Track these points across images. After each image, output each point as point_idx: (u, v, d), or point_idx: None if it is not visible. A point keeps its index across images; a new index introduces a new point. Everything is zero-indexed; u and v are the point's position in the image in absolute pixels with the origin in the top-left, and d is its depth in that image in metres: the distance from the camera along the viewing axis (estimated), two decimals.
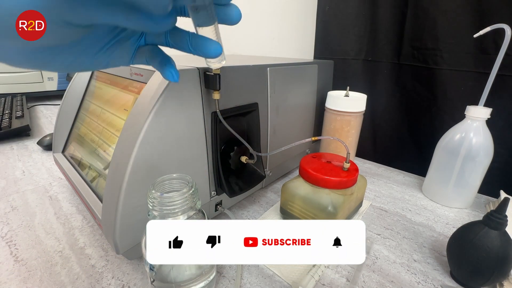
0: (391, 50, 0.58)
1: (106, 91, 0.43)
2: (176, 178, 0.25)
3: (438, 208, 0.45)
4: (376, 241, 0.37)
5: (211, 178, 0.36)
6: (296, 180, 0.39)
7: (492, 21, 0.38)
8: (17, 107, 0.86)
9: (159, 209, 0.23)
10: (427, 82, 0.55)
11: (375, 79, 0.62)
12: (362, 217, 0.42)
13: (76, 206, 0.43)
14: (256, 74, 0.40)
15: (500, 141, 0.43)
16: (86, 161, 0.41)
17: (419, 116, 0.58)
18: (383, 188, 0.51)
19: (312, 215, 0.36)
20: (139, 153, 0.27)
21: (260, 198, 0.47)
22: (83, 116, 0.46)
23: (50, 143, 0.63)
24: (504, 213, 0.27)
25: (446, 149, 0.43)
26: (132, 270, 0.32)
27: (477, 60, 0.48)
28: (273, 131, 0.45)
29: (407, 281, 0.31)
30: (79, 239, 0.37)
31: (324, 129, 0.55)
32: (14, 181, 0.51)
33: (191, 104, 0.31)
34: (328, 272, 0.32)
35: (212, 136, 0.34)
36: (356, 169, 0.37)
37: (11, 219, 0.40)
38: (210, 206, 0.38)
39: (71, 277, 0.31)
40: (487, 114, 0.39)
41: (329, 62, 0.60)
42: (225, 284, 0.30)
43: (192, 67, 0.30)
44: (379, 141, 0.67)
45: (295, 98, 0.49)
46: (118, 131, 0.36)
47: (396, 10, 0.55)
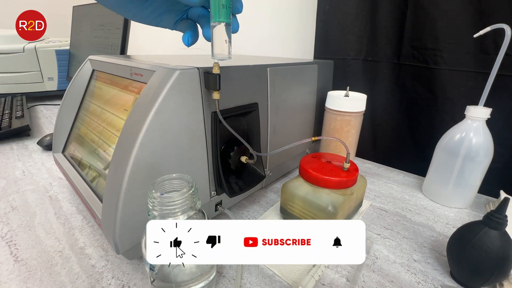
0: (391, 50, 0.58)
1: (106, 91, 0.43)
2: (176, 178, 0.25)
3: (438, 208, 0.45)
4: (376, 241, 0.37)
5: (211, 178, 0.36)
6: (296, 180, 0.39)
7: (492, 21, 0.38)
8: (17, 107, 0.86)
9: (159, 209, 0.23)
10: (427, 82, 0.55)
11: (375, 79, 0.62)
12: (362, 217, 0.42)
13: (76, 206, 0.43)
14: (256, 74, 0.40)
15: (500, 141, 0.43)
16: (86, 161, 0.41)
17: (419, 116, 0.58)
18: (383, 188, 0.51)
19: (312, 215, 0.36)
20: (139, 153, 0.27)
21: (260, 198, 0.47)
22: (83, 116, 0.46)
23: (50, 143, 0.63)
24: (504, 213, 0.27)
25: (446, 149, 0.43)
26: (132, 270, 0.32)
27: (477, 60, 0.48)
28: (273, 131, 0.45)
29: (407, 281, 0.31)
30: (79, 239, 0.37)
31: (324, 129, 0.55)
32: (14, 181, 0.51)
33: (191, 104, 0.31)
34: (328, 272, 0.32)
35: (212, 136, 0.34)
36: (356, 169, 0.37)
37: (11, 219, 0.40)
38: (210, 206, 0.38)
39: (71, 277, 0.31)
40: (487, 114, 0.39)
41: (329, 62, 0.60)
42: (225, 284, 0.30)
43: (192, 67, 0.30)
44: (379, 141, 0.67)
45: (295, 98, 0.49)
46: (118, 131, 0.36)
47: (396, 10, 0.55)
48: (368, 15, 0.59)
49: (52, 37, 1.17)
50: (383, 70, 0.61)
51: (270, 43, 0.86)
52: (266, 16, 0.84)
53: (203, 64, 0.32)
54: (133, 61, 0.38)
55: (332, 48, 0.66)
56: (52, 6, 1.42)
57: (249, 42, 0.88)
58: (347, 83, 0.55)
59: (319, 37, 0.68)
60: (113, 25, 0.77)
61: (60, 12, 1.30)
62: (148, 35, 1.33)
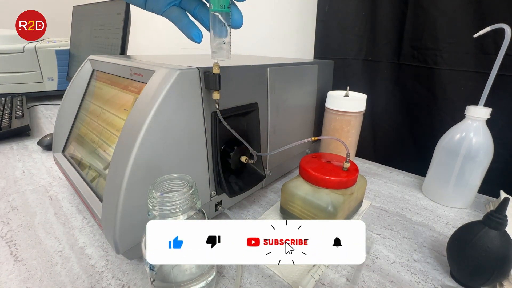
0: (391, 50, 0.58)
1: (106, 91, 0.43)
2: (176, 178, 0.25)
3: (438, 208, 0.45)
4: (376, 241, 0.37)
5: (211, 178, 0.36)
6: (296, 180, 0.39)
7: (492, 21, 0.38)
8: (17, 107, 0.86)
9: (159, 209, 0.23)
10: (427, 82, 0.55)
11: (375, 79, 0.62)
12: (362, 217, 0.42)
13: (76, 206, 0.43)
14: (256, 74, 0.40)
15: (500, 141, 0.43)
16: (86, 161, 0.41)
17: (419, 116, 0.58)
18: (383, 188, 0.51)
19: (312, 215, 0.36)
20: (139, 153, 0.27)
21: (260, 198, 0.47)
22: (83, 116, 0.46)
23: (50, 143, 0.63)
24: (504, 213, 0.27)
25: (446, 149, 0.43)
26: (132, 270, 0.32)
27: (477, 60, 0.48)
28: (273, 131, 0.45)
29: (407, 281, 0.31)
30: (79, 239, 0.37)
31: (324, 129, 0.55)
32: (14, 181, 0.51)
33: (191, 104, 0.31)
34: (328, 272, 0.32)
35: (212, 136, 0.34)
36: (356, 169, 0.37)
37: (11, 219, 0.40)
38: (210, 206, 0.38)
39: (71, 277, 0.31)
40: (487, 114, 0.39)
41: (329, 62, 0.60)
42: (225, 284, 0.30)
43: (192, 67, 0.30)
44: (379, 141, 0.67)
45: (295, 98, 0.49)
46: (118, 131, 0.36)
47: (396, 10, 0.55)
48: (368, 15, 0.59)
49: (52, 37, 1.17)
50: (383, 70, 0.61)
51: (270, 43, 0.86)
52: (266, 16, 0.84)
53: (203, 64, 0.32)
54: (133, 61, 0.38)
55: (332, 48, 0.66)
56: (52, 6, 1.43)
57: (249, 41, 0.88)
58: (347, 83, 0.55)
59: (319, 37, 0.68)
60: (113, 25, 0.77)
61: (60, 12, 1.30)
62: (148, 35, 1.33)
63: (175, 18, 0.28)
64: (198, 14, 0.28)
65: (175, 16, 0.28)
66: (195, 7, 0.28)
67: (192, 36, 0.28)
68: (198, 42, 0.28)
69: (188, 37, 0.28)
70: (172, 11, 0.28)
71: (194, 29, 0.28)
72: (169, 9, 0.28)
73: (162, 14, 0.28)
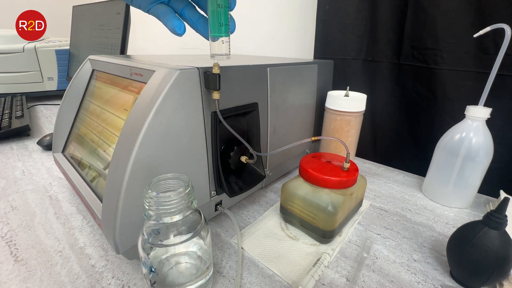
0: (391, 50, 0.58)
1: (106, 91, 0.43)
2: (171, 177, 0.25)
3: (438, 208, 0.45)
4: (376, 241, 0.37)
5: (211, 178, 0.36)
6: (296, 180, 0.39)
7: (492, 21, 0.38)
8: (17, 107, 0.86)
9: (156, 209, 0.23)
10: (427, 82, 0.55)
11: (375, 79, 0.62)
12: (362, 217, 0.42)
13: (76, 206, 0.43)
14: (256, 74, 0.40)
15: (500, 141, 0.43)
16: (86, 161, 0.41)
17: (419, 116, 0.58)
18: (383, 188, 0.51)
19: (312, 215, 0.36)
20: (139, 153, 0.27)
21: (260, 198, 0.47)
22: (83, 116, 0.46)
23: (50, 143, 0.63)
24: (504, 213, 0.27)
25: (446, 149, 0.43)
26: (132, 270, 0.32)
27: (477, 60, 0.48)
28: (273, 131, 0.45)
29: (407, 281, 0.31)
30: (79, 239, 0.37)
31: (324, 129, 0.55)
32: (14, 181, 0.51)
33: (191, 104, 0.31)
34: (328, 272, 0.32)
35: (212, 136, 0.34)
36: (356, 169, 0.37)
37: (11, 219, 0.40)
38: (210, 206, 0.38)
39: (71, 277, 0.31)
40: (487, 114, 0.39)
41: (329, 62, 0.60)
42: (225, 284, 0.30)
43: (192, 67, 0.30)
44: (379, 141, 0.67)
45: (295, 98, 0.49)
46: (118, 131, 0.36)
47: (396, 9, 0.55)
48: (368, 15, 0.59)
49: (52, 37, 1.17)
50: (383, 70, 0.61)
51: (270, 43, 0.86)
52: (266, 16, 0.84)
53: (203, 64, 0.32)
54: (133, 61, 0.38)
55: (332, 48, 0.66)
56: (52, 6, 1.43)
57: (249, 42, 0.89)
58: (347, 83, 0.55)
59: (319, 37, 0.68)
60: (113, 25, 0.77)
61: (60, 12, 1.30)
62: (148, 35, 1.33)
63: (161, 13, 0.27)
64: (186, 14, 0.28)
65: (161, 11, 0.27)
66: (183, 8, 0.28)
67: (174, 27, 0.27)
68: (180, 35, 0.27)
69: (170, 29, 0.27)
70: (159, 8, 0.27)
71: (177, 21, 0.27)
72: (156, 6, 0.27)
73: (148, 11, 0.28)
